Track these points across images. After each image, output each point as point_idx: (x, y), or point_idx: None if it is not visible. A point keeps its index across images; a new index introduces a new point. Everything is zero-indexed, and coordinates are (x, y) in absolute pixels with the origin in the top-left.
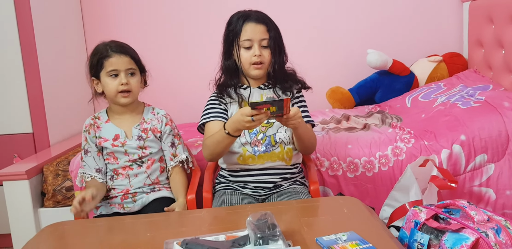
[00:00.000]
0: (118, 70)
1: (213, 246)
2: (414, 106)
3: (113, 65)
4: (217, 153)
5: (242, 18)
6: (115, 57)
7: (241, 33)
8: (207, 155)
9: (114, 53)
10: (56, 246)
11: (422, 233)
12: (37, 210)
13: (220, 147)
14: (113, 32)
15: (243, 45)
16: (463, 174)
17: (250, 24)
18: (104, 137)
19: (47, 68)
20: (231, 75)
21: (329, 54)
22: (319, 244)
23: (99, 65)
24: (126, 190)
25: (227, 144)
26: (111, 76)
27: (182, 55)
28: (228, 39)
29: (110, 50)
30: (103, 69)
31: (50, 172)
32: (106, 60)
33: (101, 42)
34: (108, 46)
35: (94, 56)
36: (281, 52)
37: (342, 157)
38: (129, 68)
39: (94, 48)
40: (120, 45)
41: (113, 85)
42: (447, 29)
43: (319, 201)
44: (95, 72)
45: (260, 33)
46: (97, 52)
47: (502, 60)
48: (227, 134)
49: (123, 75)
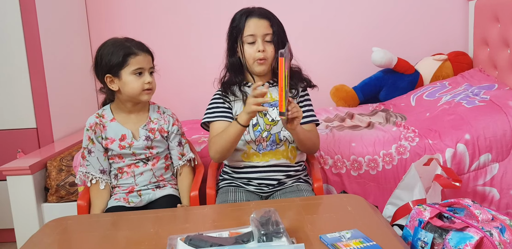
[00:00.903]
0: (144, 69)
1: (217, 242)
2: (418, 105)
3: (139, 63)
4: (226, 149)
5: (245, 14)
6: (142, 55)
7: (244, 29)
8: (214, 153)
9: (140, 51)
10: (60, 240)
11: (426, 232)
12: (40, 205)
13: (228, 141)
14: (118, 29)
15: (247, 41)
16: (467, 173)
17: (253, 19)
18: (111, 137)
19: (51, 63)
20: (235, 73)
21: (333, 52)
22: (323, 242)
23: (123, 62)
24: (131, 187)
25: (235, 137)
26: (136, 74)
27: (186, 52)
28: (232, 36)
29: (135, 48)
30: (127, 67)
31: (53, 167)
32: (133, 58)
33: (112, 39)
34: (130, 44)
35: (115, 53)
36: (284, 46)
37: (346, 155)
38: (151, 67)
39: (107, 45)
40: (141, 43)
41: (138, 83)
42: (453, 27)
43: (323, 198)
44: (115, 69)
45: (263, 28)
46: (117, 49)
47: (508, 59)
48: (235, 120)
49: (147, 74)
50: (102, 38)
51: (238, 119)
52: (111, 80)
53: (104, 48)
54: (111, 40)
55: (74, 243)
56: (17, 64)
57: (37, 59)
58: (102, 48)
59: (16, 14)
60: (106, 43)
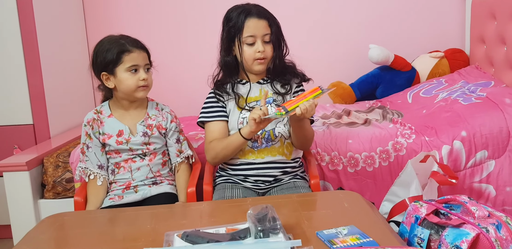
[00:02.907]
0: (138, 66)
1: (214, 238)
2: (415, 102)
3: (134, 60)
4: (225, 157)
5: (243, 13)
6: (136, 52)
7: (244, 29)
8: (212, 158)
9: (134, 48)
10: (56, 236)
11: (422, 228)
12: (37, 201)
13: (228, 150)
14: (115, 25)
15: (246, 42)
16: (463, 170)
17: (252, 20)
18: (108, 133)
19: (48, 59)
20: (230, 72)
21: (330, 49)
22: (320, 238)
23: (117, 60)
24: (128, 183)
25: (236, 147)
26: (131, 71)
27: (182, 48)
28: (229, 36)
29: (129, 45)
30: (121, 64)
31: (50, 164)
32: (127, 55)
33: (108, 37)
34: (124, 41)
35: (109, 51)
36: (280, 45)
37: (343, 152)
38: (146, 64)
39: (103, 43)
40: (136, 40)
41: (133, 80)
42: (449, 25)
43: (320, 195)
44: (110, 67)
45: (262, 28)
46: (111, 46)
47: (504, 56)
48: (239, 132)
49: (142, 71)
50: (99, 35)
51: (242, 132)
52: (107, 77)
53: (100, 46)
54: (107, 37)
55: (70, 239)
56: (14, 60)
57: (34, 56)
58: (98, 45)
59: (13, 10)
60: (102, 41)
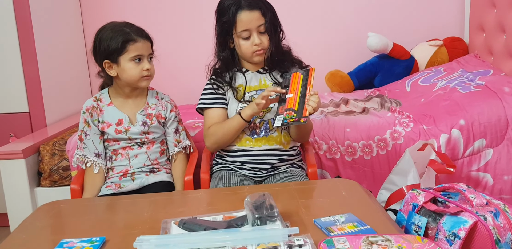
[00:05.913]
0: (143, 56)
1: (211, 226)
2: (413, 90)
3: (138, 50)
4: (224, 141)
5: (234, 6)
6: (141, 42)
7: (236, 24)
8: (212, 143)
9: (139, 38)
10: (52, 224)
11: (420, 216)
12: (33, 189)
13: (228, 134)
14: (111, 12)
15: (241, 36)
16: (461, 158)
17: (244, 12)
18: (107, 121)
19: (43, 46)
20: (228, 65)
21: (329, 37)
22: (317, 225)
23: (122, 49)
24: (126, 170)
25: (236, 130)
26: (135, 61)
27: (180, 37)
28: (223, 31)
29: (134, 34)
30: (126, 54)
31: (46, 152)
32: (132, 44)
33: (111, 23)
34: (129, 30)
35: (114, 39)
36: (276, 30)
37: (340, 141)
38: (150, 53)
39: (106, 30)
40: (141, 29)
41: (137, 70)
42: (449, 13)
43: (317, 183)
44: (114, 55)
45: (256, 20)
46: (116, 35)
47: (503, 45)
48: (238, 114)
49: (146, 61)
50: (95, 22)
51: (242, 113)
52: (110, 66)
53: (103, 33)
54: (110, 24)
55: (67, 227)
56: (9, 47)
57: (29, 43)
58: (100, 32)
59: None
60: (105, 28)
